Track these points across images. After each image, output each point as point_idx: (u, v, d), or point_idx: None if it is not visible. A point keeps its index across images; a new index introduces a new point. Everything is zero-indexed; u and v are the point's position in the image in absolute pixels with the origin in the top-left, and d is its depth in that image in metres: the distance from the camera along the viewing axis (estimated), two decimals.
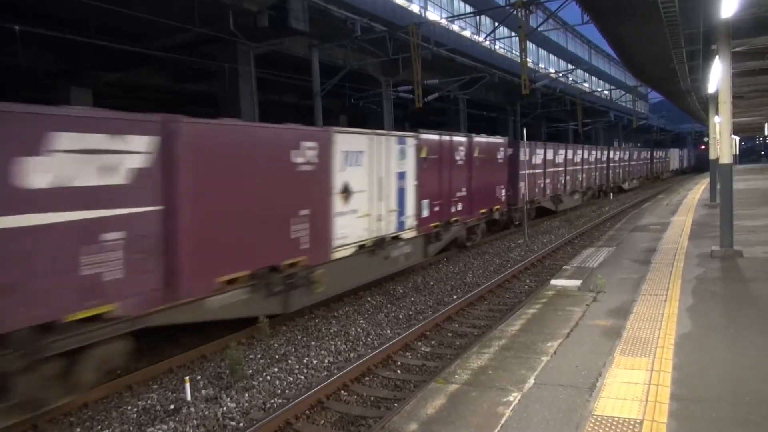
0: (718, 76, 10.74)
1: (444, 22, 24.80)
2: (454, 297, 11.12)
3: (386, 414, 6.02)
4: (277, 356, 8.04)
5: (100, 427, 6.12)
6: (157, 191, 6.69)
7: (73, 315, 5.88)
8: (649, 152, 52.18)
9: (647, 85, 33.19)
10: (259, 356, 8.06)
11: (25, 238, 5.45)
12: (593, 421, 4.24)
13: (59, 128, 5.71)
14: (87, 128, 5.99)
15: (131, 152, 6.40)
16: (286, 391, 6.91)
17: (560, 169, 25.52)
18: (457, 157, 14.91)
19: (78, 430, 6.09)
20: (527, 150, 20.28)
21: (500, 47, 33.57)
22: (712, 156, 21.47)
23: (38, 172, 5.52)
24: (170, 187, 6.81)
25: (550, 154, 23.83)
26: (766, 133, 54.78)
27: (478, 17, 27.10)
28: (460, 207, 14.95)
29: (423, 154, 13.03)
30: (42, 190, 5.56)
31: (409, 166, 12.49)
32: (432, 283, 12.49)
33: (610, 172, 35.42)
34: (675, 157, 66.25)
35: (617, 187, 37.09)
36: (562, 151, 25.73)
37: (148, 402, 6.68)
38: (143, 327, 6.74)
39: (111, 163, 6.17)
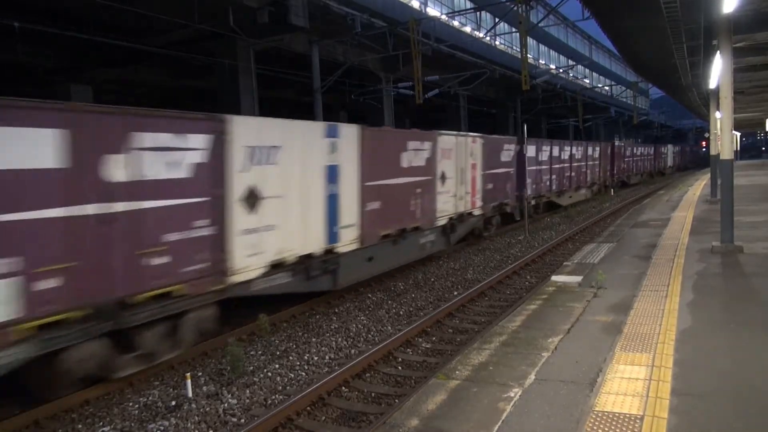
0: (719, 71, 10.72)
1: (444, 18, 24.73)
2: (455, 293, 11.12)
3: (387, 410, 6.03)
4: (278, 352, 8.05)
5: (101, 423, 6.13)
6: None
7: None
8: (635, 148, 45.54)
9: (648, 81, 33.12)
10: (260, 353, 8.07)
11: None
12: (594, 416, 4.24)
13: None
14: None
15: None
16: (287, 388, 6.92)
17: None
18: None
19: (80, 426, 6.10)
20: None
21: (500, 43, 33.52)
22: (712, 152, 21.45)
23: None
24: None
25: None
26: (767, 129, 54.72)
27: (478, 13, 27.09)
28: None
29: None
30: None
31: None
32: (433, 279, 12.50)
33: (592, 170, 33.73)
34: (669, 154, 61.27)
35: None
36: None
37: (150, 398, 6.69)
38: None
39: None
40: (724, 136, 10.43)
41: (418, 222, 12.73)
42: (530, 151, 20.29)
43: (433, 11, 26.05)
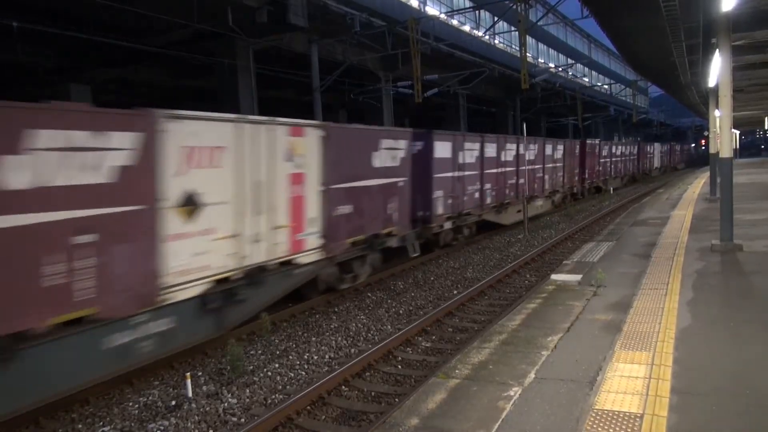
0: (718, 69, 10.71)
1: (443, 17, 24.73)
2: (455, 292, 11.12)
3: (387, 409, 6.04)
4: (277, 352, 8.05)
5: (101, 423, 6.13)
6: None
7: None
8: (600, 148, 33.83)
9: (647, 79, 33.15)
10: (259, 352, 8.07)
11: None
12: (594, 415, 4.25)
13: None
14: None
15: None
16: (287, 387, 6.92)
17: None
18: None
19: (80, 426, 6.10)
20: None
21: (500, 42, 33.52)
22: (712, 150, 21.44)
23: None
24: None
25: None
26: (766, 127, 54.73)
27: (477, 12, 27.09)
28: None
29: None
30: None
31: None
32: (432, 278, 12.50)
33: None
34: (656, 155, 53.63)
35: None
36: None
37: (150, 398, 6.69)
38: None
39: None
40: (723, 135, 10.43)
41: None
42: (442, 150, 14.62)
43: (432, 10, 26.04)
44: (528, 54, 19.45)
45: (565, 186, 26.35)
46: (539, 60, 43.59)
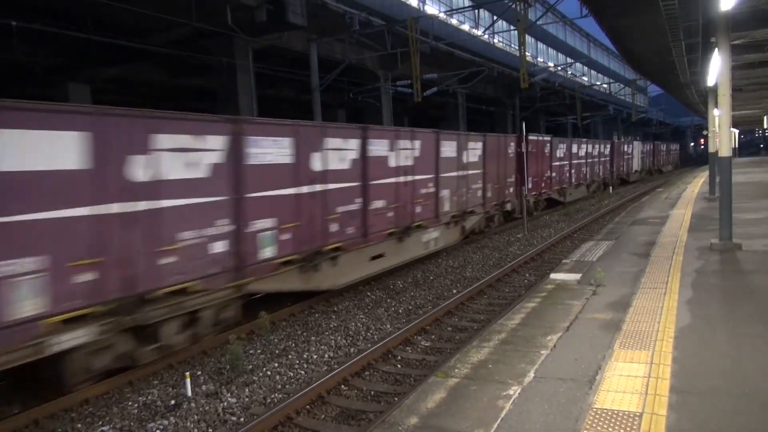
0: (717, 68, 10.71)
1: (442, 15, 24.72)
2: (454, 291, 11.13)
3: (387, 408, 6.04)
4: (277, 351, 8.05)
5: (101, 422, 6.13)
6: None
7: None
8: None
9: (646, 78, 33.11)
10: (259, 351, 8.07)
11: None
12: (593, 414, 4.25)
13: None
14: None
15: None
16: (287, 386, 6.92)
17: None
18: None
19: (79, 425, 6.10)
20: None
21: (499, 41, 33.49)
22: (711, 149, 21.46)
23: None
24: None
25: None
26: (765, 126, 54.74)
27: (476, 11, 27.08)
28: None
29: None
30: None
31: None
32: (432, 277, 12.50)
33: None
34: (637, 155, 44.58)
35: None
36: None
37: (149, 397, 6.69)
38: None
39: None
40: (722, 134, 10.43)
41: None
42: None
43: (431, 9, 26.02)
44: (527, 53, 19.46)
45: (491, 201, 17.81)
46: (538, 59, 43.58)
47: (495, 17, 26.43)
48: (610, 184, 35.84)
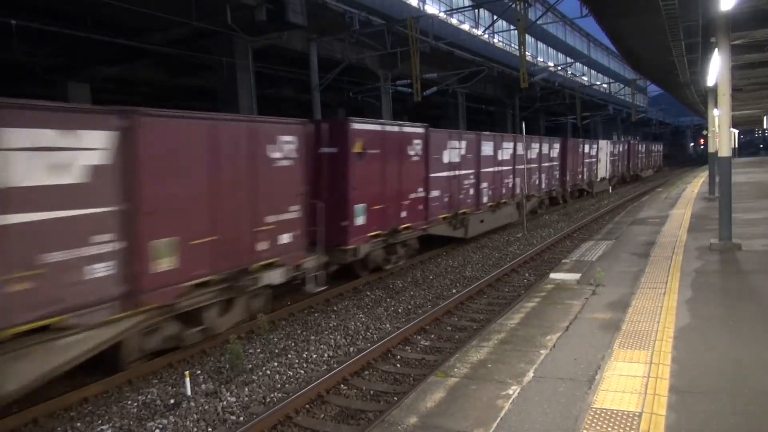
0: (717, 68, 10.71)
1: (442, 15, 24.71)
2: (454, 291, 11.13)
3: (386, 407, 6.04)
4: (276, 350, 8.05)
5: (100, 421, 6.13)
6: None
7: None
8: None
9: (646, 78, 33.12)
10: (258, 351, 8.07)
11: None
12: (592, 413, 4.25)
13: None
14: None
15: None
16: (286, 386, 6.92)
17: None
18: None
19: (78, 424, 6.10)
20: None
21: (499, 41, 33.49)
22: (710, 149, 21.46)
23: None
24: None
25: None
26: (765, 126, 54.72)
27: (476, 10, 27.06)
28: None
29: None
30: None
31: None
32: (431, 277, 12.50)
33: None
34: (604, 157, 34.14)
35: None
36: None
37: (149, 396, 6.69)
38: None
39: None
40: (722, 134, 10.43)
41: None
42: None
43: (431, 9, 26.01)
44: (527, 53, 19.45)
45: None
46: (538, 59, 43.57)
47: (495, 17, 26.41)
48: (563, 200, 26.79)
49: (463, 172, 16.11)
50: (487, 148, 17.83)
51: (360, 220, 11.31)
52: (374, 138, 11.83)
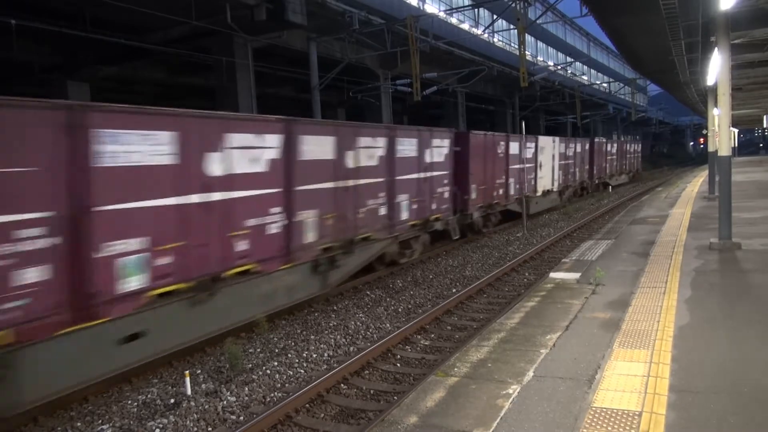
0: (716, 68, 10.71)
1: (442, 14, 24.71)
2: (454, 290, 11.13)
3: (386, 407, 6.04)
4: (276, 350, 8.05)
5: (100, 421, 6.13)
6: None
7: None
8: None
9: (646, 77, 33.13)
10: (258, 350, 8.07)
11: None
12: (592, 413, 4.25)
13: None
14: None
15: None
16: (286, 385, 6.92)
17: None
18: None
19: (78, 424, 6.10)
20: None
21: (498, 40, 33.49)
22: (710, 148, 21.47)
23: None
24: None
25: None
26: (764, 125, 54.74)
27: (476, 10, 27.05)
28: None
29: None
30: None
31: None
32: (431, 276, 12.50)
33: None
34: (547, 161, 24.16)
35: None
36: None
37: (149, 396, 6.69)
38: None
39: None
40: (721, 133, 10.43)
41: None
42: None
43: (431, 8, 26.01)
44: (527, 52, 19.45)
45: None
46: (538, 58, 43.57)
47: (495, 16, 26.39)
48: (475, 230, 17.30)
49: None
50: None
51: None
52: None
